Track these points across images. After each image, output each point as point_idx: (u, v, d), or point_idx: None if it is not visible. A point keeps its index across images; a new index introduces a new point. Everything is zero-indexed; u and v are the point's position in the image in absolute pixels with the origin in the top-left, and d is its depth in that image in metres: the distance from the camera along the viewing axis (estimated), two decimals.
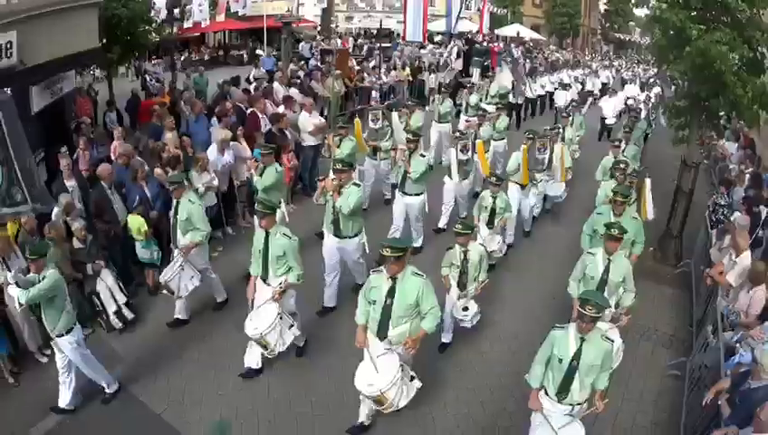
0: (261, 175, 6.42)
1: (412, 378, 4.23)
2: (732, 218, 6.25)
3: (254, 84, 10.53)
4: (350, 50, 18.74)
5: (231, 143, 7.07)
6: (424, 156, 7.17)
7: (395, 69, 14.33)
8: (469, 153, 7.91)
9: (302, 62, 13.62)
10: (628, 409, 4.99)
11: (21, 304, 4.29)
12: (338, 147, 7.44)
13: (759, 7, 6.43)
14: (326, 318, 6.13)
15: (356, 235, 5.89)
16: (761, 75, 6.84)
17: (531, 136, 7.96)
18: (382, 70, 14.12)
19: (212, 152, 6.83)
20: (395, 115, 8.74)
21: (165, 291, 5.69)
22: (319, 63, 13.65)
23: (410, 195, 7.09)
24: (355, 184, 5.74)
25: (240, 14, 22.26)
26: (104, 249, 6.20)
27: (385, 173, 8.60)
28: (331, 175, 5.90)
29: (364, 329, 4.43)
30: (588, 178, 9.17)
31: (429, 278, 4.34)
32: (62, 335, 4.47)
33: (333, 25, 27.17)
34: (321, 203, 5.92)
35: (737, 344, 4.47)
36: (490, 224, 6.76)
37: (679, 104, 7.25)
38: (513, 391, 4.89)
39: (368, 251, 6.06)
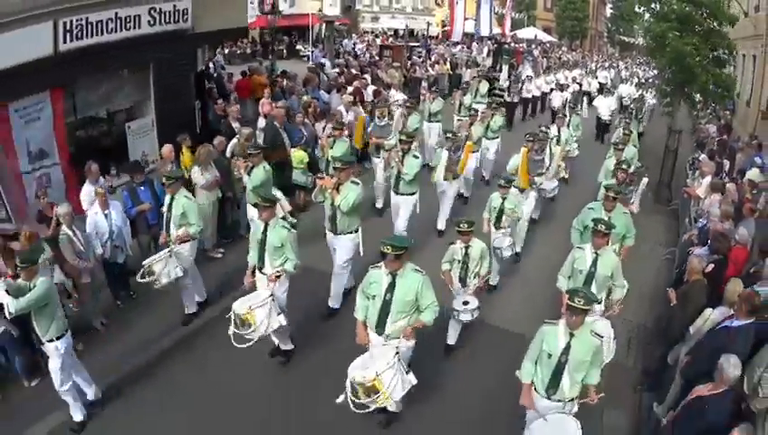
0: (249, 174, 6.75)
1: (407, 371, 4.37)
2: (700, 159, 9.64)
3: (337, 69, 13.87)
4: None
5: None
6: (417, 157, 7.48)
7: (437, 63, 17.75)
8: (460, 153, 8.34)
9: (363, 55, 16.98)
10: (641, 275, 7.43)
11: (10, 313, 4.37)
12: (331, 147, 7.81)
13: (721, 20, 9.90)
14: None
15: (351, 232, 6.13)
16: (723, 68, 10.36)
17: (531, 139, 8.34)
18: (428, 63, 17.54)
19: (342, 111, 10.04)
20: (396, 113, 9.42)
21: (141, 278, 5.73)
22: (377, 57, 17.08)
23: (403, 194, 7.53)
24: (354, 182, 5.95)
25: (285, 12, 25.74)
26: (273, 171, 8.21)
27: (383, 176, 8.78)
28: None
29: (364, 324, 4.62)
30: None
31: (429, 275, 4.58)
32: (52, 341, 4.55)
33: (362, 25, 30.64)
34: (319, 201, 6.24)
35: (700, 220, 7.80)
36: (496, 224, 7.07)
37: (665, 88, 10.68)
38: (512, 389, 4.84)
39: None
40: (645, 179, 8.23)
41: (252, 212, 6.85)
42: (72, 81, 7.84)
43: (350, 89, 11.26)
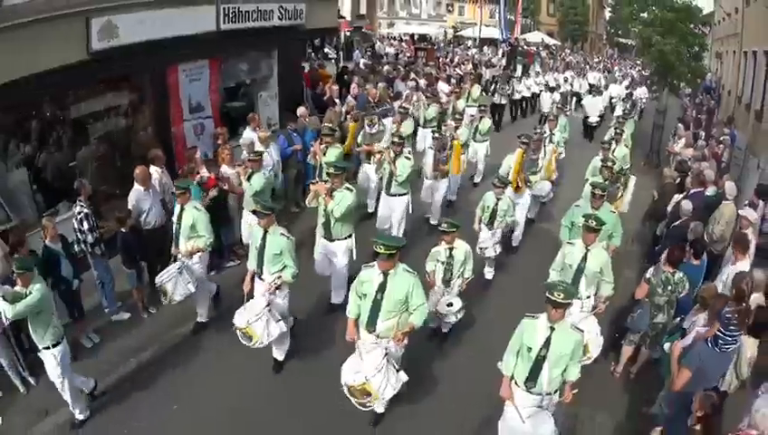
0: (248, 180, 6.98)
1: (398, 370, 4.61)
2: (678, 125, 13.46)
3: (387, 67, 17.55)
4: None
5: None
6: (409, 158, 7.87)
7: (462, 64, 21.61)
8: (446, 153, 8.78)
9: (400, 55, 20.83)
10: (638, 208, 10.05)
11: (7, 318, 4.56)
12: (324, 154, 8.08)
13: (695, 23, 13.78)
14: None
15: (345, 238, 6.42)
16: (699, 61, 14.25)
17: (526, 141, 8.74)
18: (453, 64, 21.42)
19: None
20: (388, 121, 10.06)
21: (162, 298, 6.06)
22: (413, 57, 20.96)
23: (395, 196, 7.88)
24: (348, 188, 6.22)
25: None
26: None
27: (377, 178, 9.00)
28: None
29: (355, 322, 4.89)
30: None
31: (418, 274, 4.82)
32: (49, 348, 4.77)
33: (379, 30, 34.47)
34: (313, 206, 6.48)
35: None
36: (490, 224, 7.42)
37: (653, 78, 14.54)
38: (496, 386, 4.79)
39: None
40: (633, 178, 9.08)
41: (250, 218, 7.05)
42: (225, 53, 10.29)
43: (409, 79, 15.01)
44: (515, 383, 4.38)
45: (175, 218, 6.28)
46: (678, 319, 5.62)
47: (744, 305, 4.82)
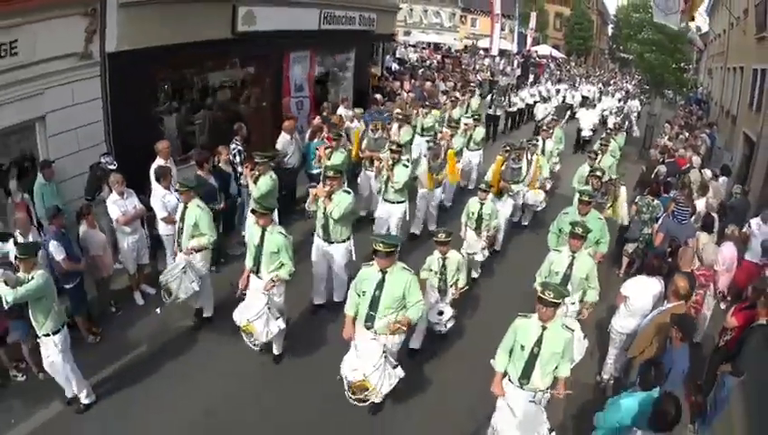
0: (255, 182, 7.35)
1: (395, 366, 4.98)
2: (665, 124, 17.28)
3: (422, 70, 21.25)
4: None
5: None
6: (407, 166, 8.19)
7: (481, 71, 25.38)
8: (440, 161, 9.10)
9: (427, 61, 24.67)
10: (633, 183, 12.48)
11: (8, 303, 4.71)
12: (329, 158, 8.49)
13: (678, 43, 17.68)
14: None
15: (344, 241, 6.73)
16: (685, 73, 18.19)
17: (507, 148, 9.23)
18: (475, 71, 25.23)
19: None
20: (394, 126, 10.52)
21: (163, 298, 6.28)
22: (441, 64, 24.78)
23: (392, 203, 8.18)
24: (345, 191, 6.58)
25: None
26: None
27: (377, 185, 9.04)
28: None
29: (352, 321, 5.25)
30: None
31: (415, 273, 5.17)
32: (49, 335, 4.94)
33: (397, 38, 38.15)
34: (312, 210, 6.80)
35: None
36: (477, 230, 7.72)
37: (646, 87, 18.41)
38: (486, 389, 4.97)
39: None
40: (623, 189, 9.41)
41: (252, 219, 7.32)
42: (319, 47, 13.30)
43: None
44: (509, 380, 4.76)
45: (178, 217, 6.56)
46: None
47: (688, 191, 8.64)
